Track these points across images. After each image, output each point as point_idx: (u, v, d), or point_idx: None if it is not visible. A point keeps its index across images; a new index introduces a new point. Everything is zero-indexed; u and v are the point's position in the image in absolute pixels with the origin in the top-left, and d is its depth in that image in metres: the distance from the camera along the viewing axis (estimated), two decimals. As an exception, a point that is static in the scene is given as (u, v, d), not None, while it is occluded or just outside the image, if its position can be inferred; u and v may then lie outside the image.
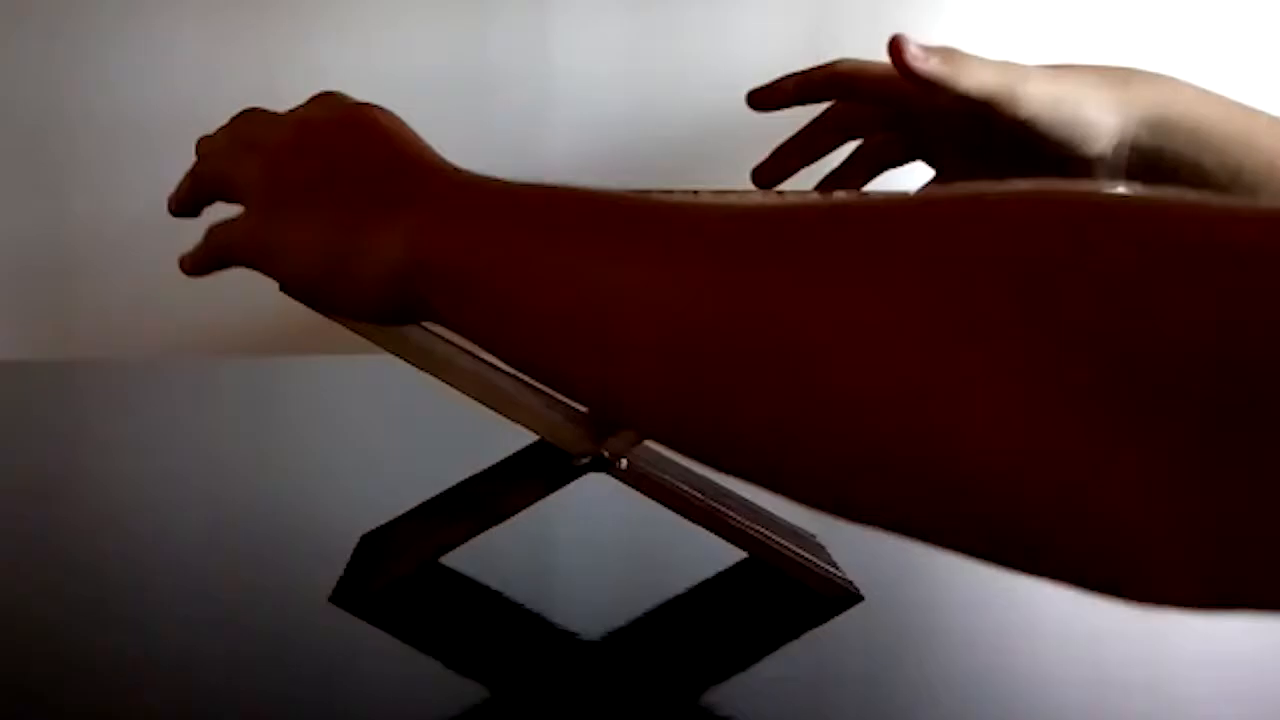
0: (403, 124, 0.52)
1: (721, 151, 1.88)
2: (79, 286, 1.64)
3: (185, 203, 0.56)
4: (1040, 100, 0.62)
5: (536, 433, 0.64)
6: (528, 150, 1.70)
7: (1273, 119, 0.66)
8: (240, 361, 1.49)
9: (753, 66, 1.69)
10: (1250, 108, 0.66)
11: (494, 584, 0.66)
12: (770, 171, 0.71)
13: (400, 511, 0.70)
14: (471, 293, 0.43)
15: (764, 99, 0.69)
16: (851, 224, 0.34)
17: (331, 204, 0.49)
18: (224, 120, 0.56)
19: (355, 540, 0.69)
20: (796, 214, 0.35)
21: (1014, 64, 0.64)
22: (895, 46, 0.62)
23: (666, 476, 0.64)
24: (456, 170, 0.48)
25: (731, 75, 1.74)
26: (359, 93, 0.54)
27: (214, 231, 0.53)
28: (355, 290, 0.48)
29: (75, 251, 1.63)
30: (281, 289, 0.51)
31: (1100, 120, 0.64)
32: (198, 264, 0.55)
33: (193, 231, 0.54)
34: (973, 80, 0.62)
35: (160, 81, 1.59)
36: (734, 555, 0.67)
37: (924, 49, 0.63)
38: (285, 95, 0.55)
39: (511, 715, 0.53)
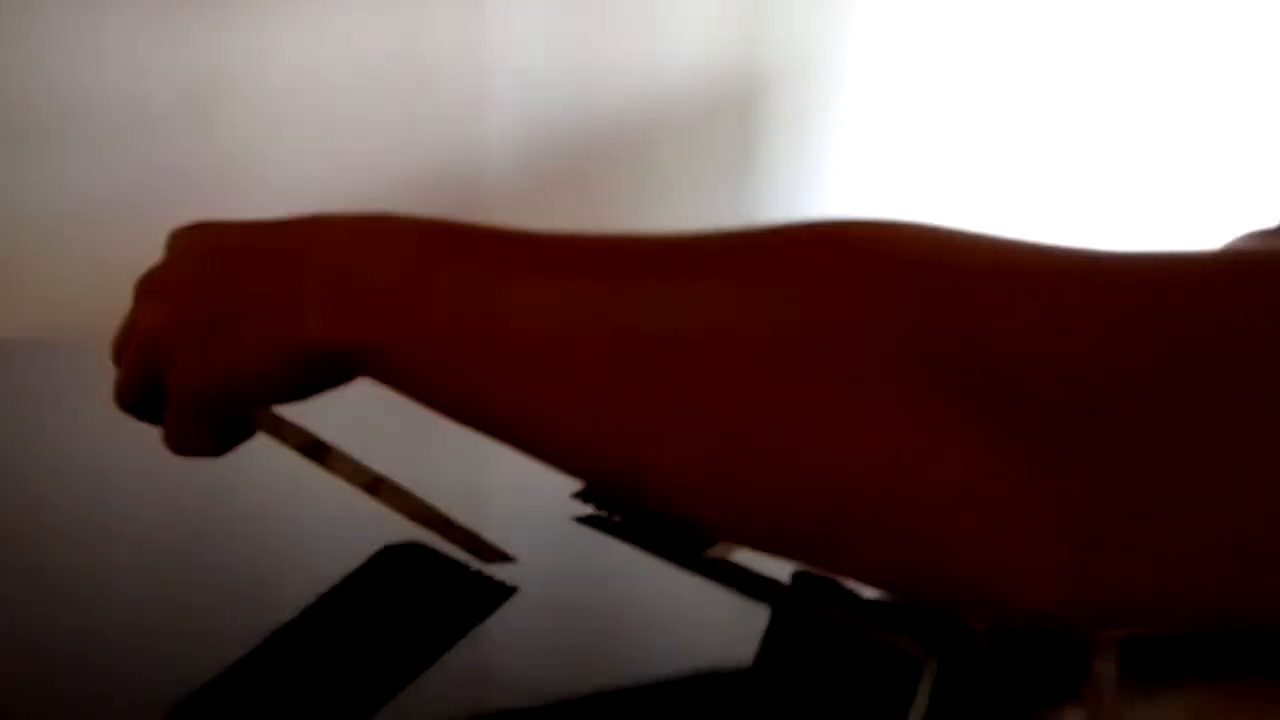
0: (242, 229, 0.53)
1: (656, 144, 1.89)
2: (23, 268, 1.62)
3: (128, 397, 0.55)
4: None
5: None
6: (464, 142, 1.70)
7: None
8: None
9: (687, 60, 1.71)
10: None
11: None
12: None
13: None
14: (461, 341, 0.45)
15: None
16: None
17: (251, 309, 0.50)
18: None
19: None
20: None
21: None
22: None
23: None
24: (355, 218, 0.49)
25: (666, 69, 1.75)
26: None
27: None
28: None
29: (19, 233, 1.62)
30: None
31: None
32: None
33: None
34: None
35: (102, 68, 1.58)
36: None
37: None
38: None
39: None
